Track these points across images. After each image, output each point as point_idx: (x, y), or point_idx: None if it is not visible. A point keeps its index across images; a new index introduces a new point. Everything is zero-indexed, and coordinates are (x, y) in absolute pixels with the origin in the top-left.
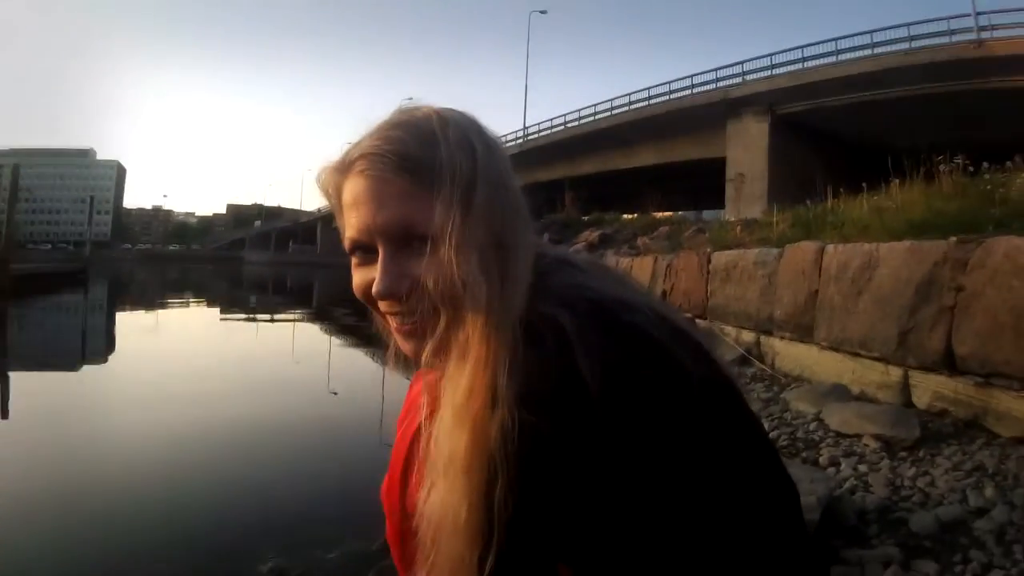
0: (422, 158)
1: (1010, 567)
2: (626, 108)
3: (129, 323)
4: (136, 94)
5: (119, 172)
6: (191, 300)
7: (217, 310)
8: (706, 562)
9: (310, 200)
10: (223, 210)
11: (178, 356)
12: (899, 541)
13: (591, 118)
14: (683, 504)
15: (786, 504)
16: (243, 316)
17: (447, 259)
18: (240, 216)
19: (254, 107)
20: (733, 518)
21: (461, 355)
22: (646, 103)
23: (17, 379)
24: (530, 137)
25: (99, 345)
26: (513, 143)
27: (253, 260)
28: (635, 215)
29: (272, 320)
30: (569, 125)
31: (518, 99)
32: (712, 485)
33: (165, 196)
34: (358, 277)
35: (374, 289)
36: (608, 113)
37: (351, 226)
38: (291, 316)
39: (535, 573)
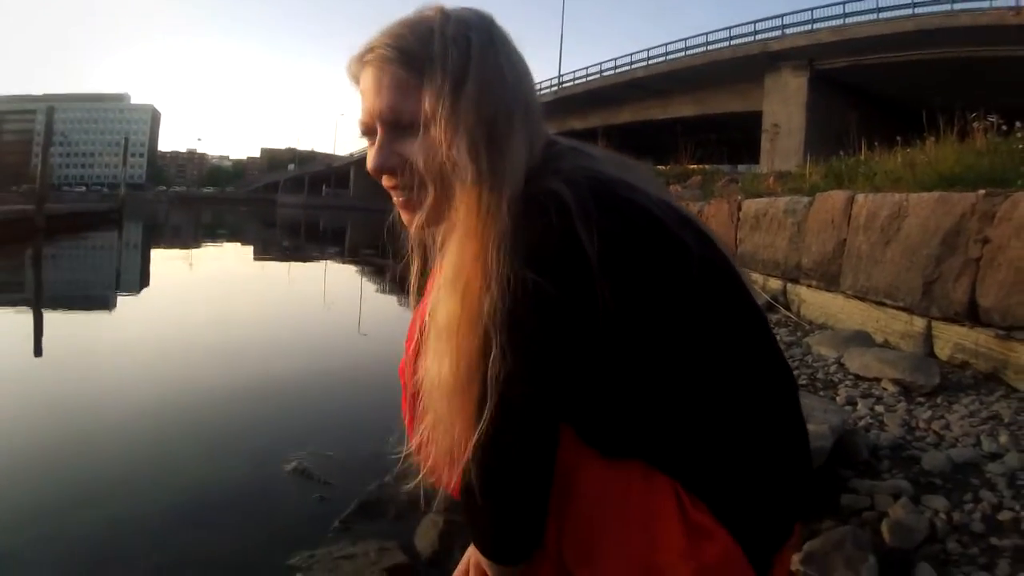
0: (417, 51)
1: (1020, 509)
2: (663, 59)
3: (162, 261)
4: (171, 38)
5: (153, 116)
6: (224, 241)
7: (250, 251)
8: (697, 426)
9: (343, 145)
10: (257, 154)
11: (212, 294)
12: (910, 477)
13: (627, 67)
14: (676, 367)
15: (778, 384)
16: (277, 257)
17: (436, 141)
18: (274, 160)
19: (288, 52)
20: (724, 388)
21: (451, 228)
22: (683, 54)
23: (51, 314)
24: (565, 85)
25: (132, 282)
26: (548, 91)
27: (287, 203)
28: (669, 166)
29: (304, 261)
30: (605, 74)
31: (553, 45)
32: (705, 354)
33: (199, 140)
34: (368, 157)
35: (368, 165)
36: (645, 63)
37: (360, 110)
38: (324, 257)
39: (535, 431)
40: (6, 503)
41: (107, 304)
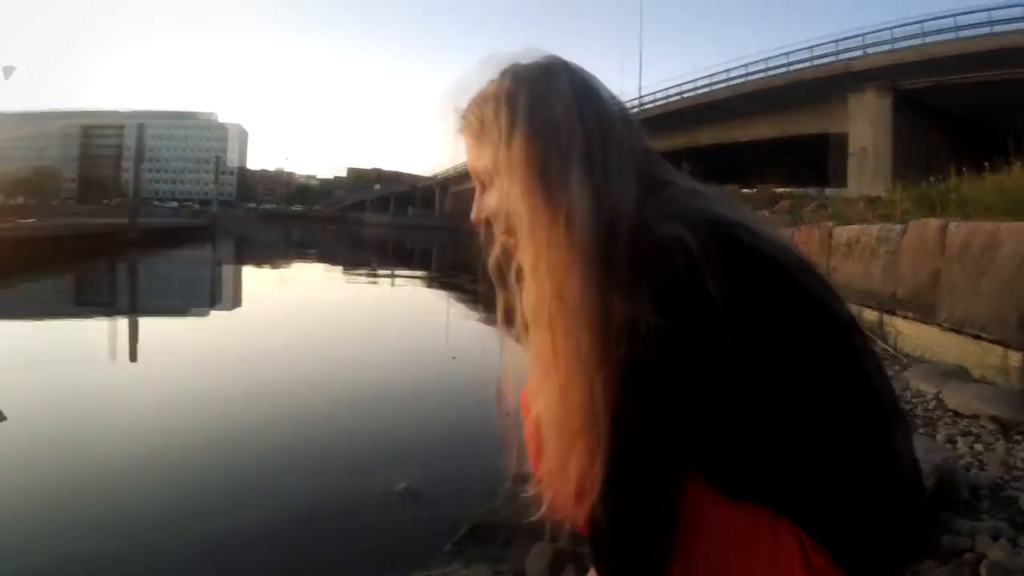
0: (480, 117)
1: None
2: (744, 79)
3: (256, 278)
4: (261, 58)
5: (242, 134)
6: (314, 259)
7: (340, 270)
8: (817, 471)
9: (429, 165)
10: (343, 173)
11: (308, 311)
12: (1009, 517)
13: (707, 88)
14: (795, 412)
15: (893, 428)
16: (370, 277)
17: (502, 193)
18: (360, 179)
19: (376, 72)
20: (842, 433)
21: (531, 267)
22: (764, 74)
23: (148, 324)
24: (646, 106)
25: (227, 296)
26: None
27: (373, 222)
28: (750, 189)
29: (396, 280)
30: (685, 95)
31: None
32: (822, 399)
33: (287, 159)
34: None
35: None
36: (725, 84)
37: None
38: (415, 277)
39: (659, 472)
40: (116, 509)
41: (204, 317)
